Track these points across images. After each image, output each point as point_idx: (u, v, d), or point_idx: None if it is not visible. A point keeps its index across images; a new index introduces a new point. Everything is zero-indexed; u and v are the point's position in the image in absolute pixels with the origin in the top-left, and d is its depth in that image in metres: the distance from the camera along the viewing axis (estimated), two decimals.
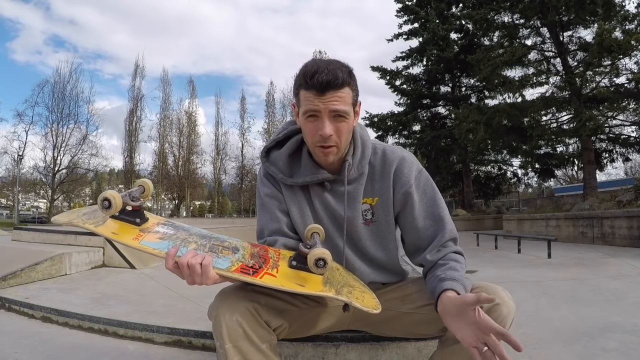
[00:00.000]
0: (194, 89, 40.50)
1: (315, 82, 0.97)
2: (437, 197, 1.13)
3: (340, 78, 0.98)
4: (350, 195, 1.11)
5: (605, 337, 1.95)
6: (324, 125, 1.00)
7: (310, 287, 0.90)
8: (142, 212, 0.94)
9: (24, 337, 2.08)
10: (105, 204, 0.88)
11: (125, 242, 0.88)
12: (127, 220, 0.92)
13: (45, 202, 36.70)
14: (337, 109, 0.99)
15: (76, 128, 31.10)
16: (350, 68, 1.04)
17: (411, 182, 1.11)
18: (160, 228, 0.95)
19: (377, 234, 1.15)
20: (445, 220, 1.10)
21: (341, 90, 0.99)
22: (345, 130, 1.04)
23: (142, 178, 1.01)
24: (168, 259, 0.85)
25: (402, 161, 1.13)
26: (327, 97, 0.98)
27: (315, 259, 0.88)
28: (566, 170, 27.17)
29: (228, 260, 0.90)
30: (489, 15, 13.48)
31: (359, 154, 1.12)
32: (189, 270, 0.85)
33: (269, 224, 1.15)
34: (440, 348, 1.04)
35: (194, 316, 2.26)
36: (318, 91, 0.98)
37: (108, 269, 3.97)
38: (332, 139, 1.02)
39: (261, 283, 0.88)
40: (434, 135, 19.04)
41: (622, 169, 31.16)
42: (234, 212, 49.01)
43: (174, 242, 0.91)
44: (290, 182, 1.14)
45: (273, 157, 1.17)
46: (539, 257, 5.60)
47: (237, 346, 0.92)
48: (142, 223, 0.93)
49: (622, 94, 11.47)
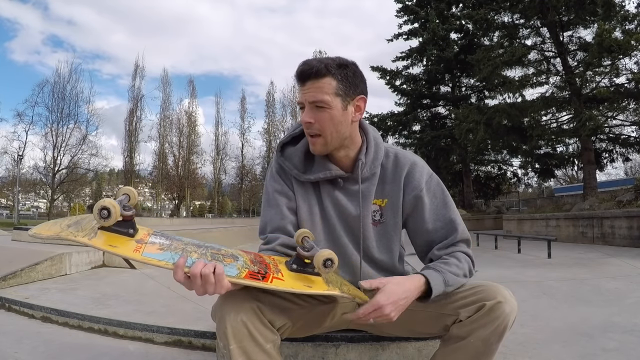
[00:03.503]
0: (193, 89, 40.58)
1: (296, 73, 1.03)
2: (448, 200, 1.14)
3: (314, 67, 1.00)
4: (362, 194, 1.12)
5: (605, 337, 1.95)
6: (304, 113, 1.04)
7: (317, 288, 0.91)
8: (134, 222, 0.87)
9: (24, 337, 2.08)
10: (103, 214, 0.80)
11: (127, 254, 0.82)
12: (120, 232, 0.85)
13: (45, 202, 36.72)
14: (314, 98, 1.02)
15: (76, 128, 31.11)
16: (345, 62, 1.05)
17: (422, 186, 1.12)
18: (154, 239, 0.90)
19: (383, 235, 1.15)
20: (457, 222, 1.11)
21: (320, 80, 1.01)
22: (328, 120, 1.04)
23: (125, 186, 0.95)
24: (177, 270, 0.82)
25: (414, 165, 1.14)
26: (307, 87, 1.03)
27: (323, 259, 0.88)
28: (566, 170, 27.22)
29: (234, 267, 0.89)
30: (489, 15, 13.48)
31: (372, 154, 1.13)
32: (202, 280, 0.82)
33: (273, 220, 1.14)
34: (443, 347, 1.05)
35: (194, 316, 2.26)
36: (299, 82, 1.04)
37: (108, 269, 3.97)
38: (314, 127, 1.05)
39: (273, 287, 0.88)
40: (434, 135, 19.05)
41: (622, 169, 31.15)
42: (234, 212, 49.03)
43: (175, 252, 0.87)
44: (304, 179, 1.14)
45: (288, 152, 1.17)
46: (539, 257, 5.60)
47: (241, 346, 0.91)
48: (135, 234, 0.87)
49: (622, 94, 11.47)
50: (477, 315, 0.96)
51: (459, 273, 1.03)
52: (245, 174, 40.66)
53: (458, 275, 1.03)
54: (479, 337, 0.95)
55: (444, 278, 1.00)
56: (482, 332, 0.94)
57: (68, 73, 31.78)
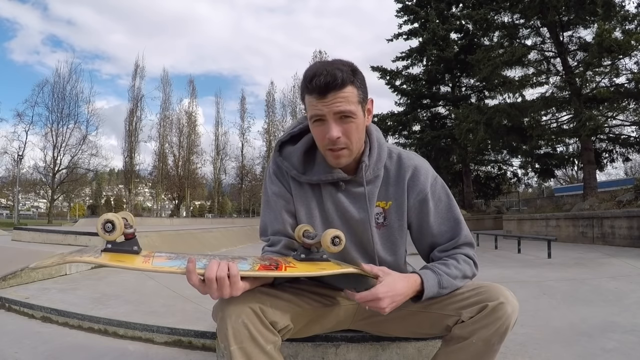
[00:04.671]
0: (194, 88, 40.61)
1: (315, 85, 0.95)
2: (453, 203, 1.13)
3: (339, 78, 0.94)
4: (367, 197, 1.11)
5: (605, 337, 1.95)
6: (330, 128, 0.98)
7: (331, 269, 0.92)
8: (136, 240, 0.86)
9: (24, 337, 2.08)
10: (108, 227, 0.79)
11: (136, 266, 0.80)
12: (124, 250, 0.84)
13: (45, 202, 36.71)
14: (341, 109, 0.97)
15: (76, 128, 31.14)
16: (354, 66, 1.01)
17: (427, 189, 1.11)
18: (160, 254, 0.89)
19: (387, 237, 1.14)
20: (461, 226, 1.11)
21: (343, 90, 0.96)
22: (354, 130, 1.01)
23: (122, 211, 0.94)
24: (191, 274, 0.80)
25: (418, 168, 1.12)
26: (329, 99, 0.96)
27: (331, 237, 0.89)
28: (566, 170, 27.17)
29: (246, 263, 0.89)
30: (489, 15, 13.48)
31: (375, 156, 1.10)
32: (218, 284, 0.81)
33: (273, 224, 1.14)
34: (444, 347, 1.05)
35: (194, 316, 2.26)
36: (319, 94, 0.96)
37: (108, 269, 3.96)
38: (340, 140, 1.00)
39: (287, 274, 0.88)
40: (434, 135, 19.05)
41: (622, 169, 31.19)
42: (234, 212, 49.03)
43: (184, 259, 0.85)
44: (304, 180, 1.11)
45: (287, 151, 1.14)
46: (539, 257, 5.60)
47: (242, 348, 0.91)
48: (139, 251, 0.86)
49: (622, 94, 11.47)
50: (479, 316, 0.96)
51: (457, 275, 1.04)
52: (245, 174, 40.65)
53: (455, 277, 1.03)
54: (480, 337, 0.95)
55: (439, 280, 1.01)
56: (484, 333, 0.94)
57: (68, 73, 31.90)
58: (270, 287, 1.03)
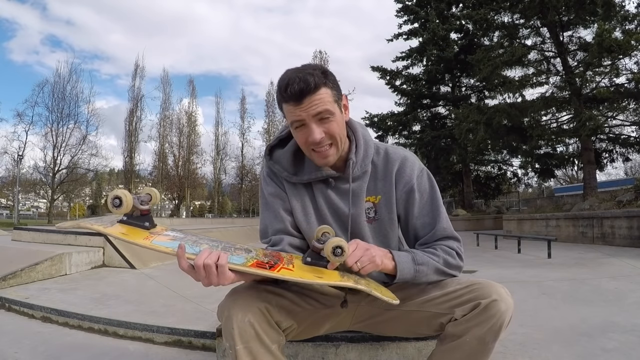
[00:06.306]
0: (193, 88, 40.50)
1: (290, 93, 0.99)
2: (436, 195, 1.15)
3: (312, 82, 0.98)
4: (354, 192, 1.13)
5: (605, 337, 1.95)
6: (312, 130, 1.01)
7: (328, 279, 0.91)
8: (150, 217, 0.93)
9: (24, 337, 2.09)
10: (116, 202, 0.87)
11: (136, 241, 0.87)
12: (136, 224, 0.91)
13: (45, 202, 36.71)
14: (318, 111, 1.00)
15: (76, 128, 31.05)
16: (324, 68, 1.05)
17: (413, 181, 1.13)
18: (169, 232, 0.95)
19: (379, 232, 1.16)
20: (441, 219, 1.12)
21: (317, 93, 0.99)
22: (335, 127, 1.04)
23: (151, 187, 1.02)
24: (180, 259, 0.84)
25: (405, 160, 1.15)
26: (305, 104, 0.99)
27: (333, 246, 0.89)
28: (566, 170, 27.16)
29: (242, 257, 0.90)
30: (489, 15, 13.47)
31: (362, 152, 1.13)
32: (205, 271, 0.84)
33: (273, 224, 1.16)
34: (439, 345, 1.05)
35: (194, 316, 2.26)
36: (296, 101, 0.99)
37: (108, 269, 3.97)
38: (324, 140, 1.04)
39: (279, 276, 0.88)
40: (434, 135, 19.04)
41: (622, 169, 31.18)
42: (234, 212, 49.03)
43: (185, 242, 0.89)
44: (295, 180, 1.15)
45: (277, 155, 1.18)
46: (539, 257, 5.60)
47: (247, 347, 0.91)
48: (151, 227, 0.92)
49: (622, 94, 11.46)
50: (472, 314, 0.96)
51: (434, 259, 1.05)
52: (245, 174, 40.63)
53: (432, 259, 1.05)
54: (474, 335, 0.95)
55: (413, 257, 1.04)
56: (478, 331, 0.95)
57: (68, 73, 31.72)
58: (274, 284, 1.03)
